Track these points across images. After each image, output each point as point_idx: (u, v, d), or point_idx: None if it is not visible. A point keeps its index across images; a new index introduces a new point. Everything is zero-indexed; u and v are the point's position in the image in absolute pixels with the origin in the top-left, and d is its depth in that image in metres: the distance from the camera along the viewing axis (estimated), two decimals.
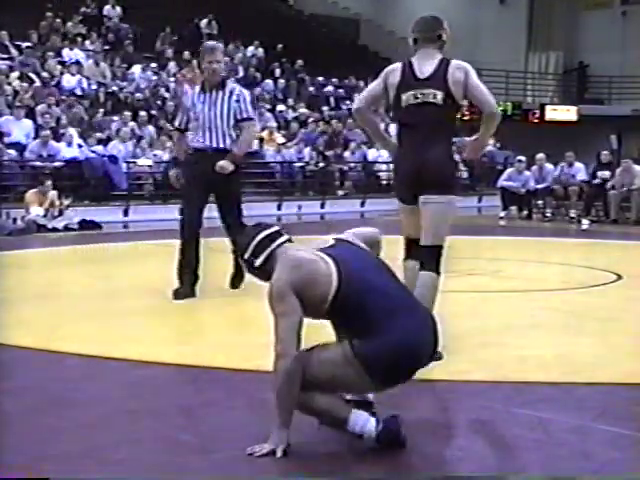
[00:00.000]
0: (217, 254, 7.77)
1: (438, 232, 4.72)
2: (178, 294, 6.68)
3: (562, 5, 28.65)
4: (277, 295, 3.39)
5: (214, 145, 6.74)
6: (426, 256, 4.75)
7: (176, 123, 7.15)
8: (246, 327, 5.73)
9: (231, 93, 6.78)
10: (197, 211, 6.80)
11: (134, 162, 16.15)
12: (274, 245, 3.48)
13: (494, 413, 3.83)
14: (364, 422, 3.28)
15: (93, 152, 15.67)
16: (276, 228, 3.56)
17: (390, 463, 3.20)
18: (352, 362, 3.26)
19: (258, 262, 3.50)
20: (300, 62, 22.81)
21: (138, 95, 18.74)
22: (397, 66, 5.05)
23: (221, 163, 6.62)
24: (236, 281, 7.10)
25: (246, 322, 5.91)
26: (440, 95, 4.83)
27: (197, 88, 6.92)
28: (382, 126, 8.88)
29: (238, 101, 6.77)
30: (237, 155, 6.77)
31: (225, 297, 7.03)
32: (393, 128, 14.66)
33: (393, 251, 8.88)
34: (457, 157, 5.24)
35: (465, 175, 20.60)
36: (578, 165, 16.07)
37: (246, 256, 3.53)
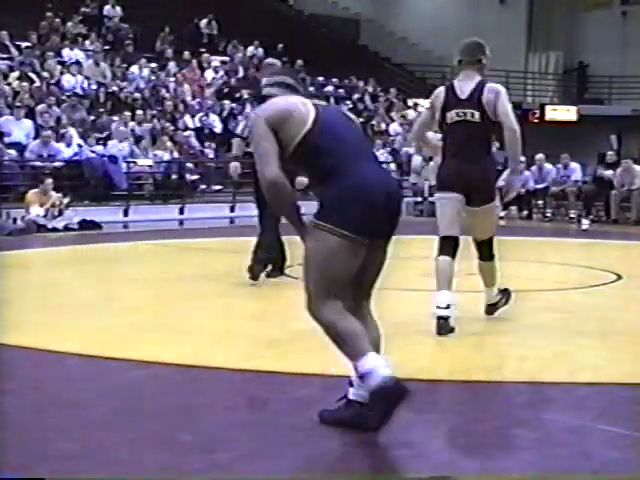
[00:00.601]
0: (216, 253, 7.78)
1: (492, 228, 5.80)
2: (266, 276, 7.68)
3: (562, 5, 28.65)
4: (254, 126, 3.65)
5: None
6: (483, 248, 5.78)
7: (242, 132, 8.14)
8: (246, 327, 5.73)
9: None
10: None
11: (134, 162, 16.15)
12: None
13: (495, 413, 3.83)
14: (380, 363, 3.35)
15: (93, 152, 15.67)
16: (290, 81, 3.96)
17: (390, 463, 3.20)
18: (321, 229, 3.58)
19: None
20: (300, 62, 22.80)
21: (138, 95, 18.74)
22: (441, 89, 5.71)
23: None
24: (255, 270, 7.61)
25: (246, 322, 5.91)
26: (477, 114, 5.51)
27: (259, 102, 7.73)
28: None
29: None
30: None
31: (225, 297, 7.04)
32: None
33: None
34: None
35: None
36: (573, 165, 16.08)
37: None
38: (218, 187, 17.34)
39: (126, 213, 15.55)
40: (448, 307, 5.31)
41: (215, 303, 6.73)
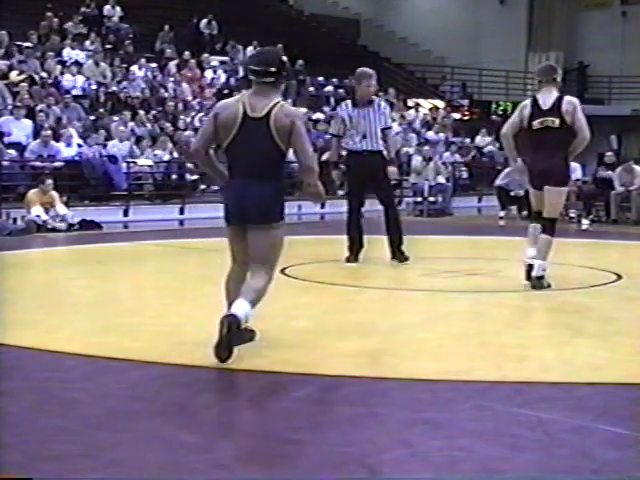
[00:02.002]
0: (216, 253, 7.77)
1: (555, 210, 7.24)
2: (349, 260, 8.69)
3: (562, 5, 28.65)
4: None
5: (369, 148, 8.58)
6: (546, 225, 7.20)
7: (334, 131, 8.87)
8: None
9: (379, 107, 8.70)
10: (358, 201, 8.82)
11: (134, 162, 16.15)
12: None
13: (494, 413, 3.83)
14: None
15: (93, 152, 15.67)
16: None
17: (390, 463, 3.20)
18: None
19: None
20: (300, 62, 22.80)
21: (138, 95, 18.74)
22: (527, 102, 7.28)
23: (391, 169, 8.66)
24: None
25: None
26: (557, 121, 7.07)
27: (350, 103, 8.71)
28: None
29: (384, 113, 8.68)
30: (394, 160, 8.97)
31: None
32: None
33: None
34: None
35: (465, 175, 20.63)
36: (573, 164, 16.06)
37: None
38: (218, 187, 17.33)
39: (126, 213, 15.55)
40: (533, 258, 7.18)
41: (215, 303, 6.72)
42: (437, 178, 17.88)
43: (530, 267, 7.20)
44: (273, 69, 4.88)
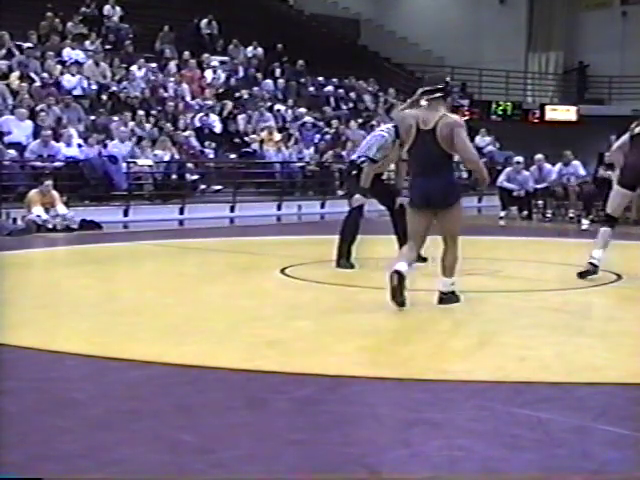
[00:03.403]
0: (216, 253, 7.78)
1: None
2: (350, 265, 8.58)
3: (562, 5, 28.66)
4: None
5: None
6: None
7: (374, 156, 8.43)
8: (247, 327, 5.73)
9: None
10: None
11: (134, 162, 16.15)
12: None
13: (494, 413, 3.83)
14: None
15: (93, 152, 15.67)
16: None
17: (390, 463, 3.20)
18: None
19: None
20: (300, 62, 22.80)
21: (138, 95, 18.74)
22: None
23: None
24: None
25: (247, 322, 5.91)
26: None
27: (393, 134, 8.38)
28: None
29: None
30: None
31: (225, 297, 7.04)
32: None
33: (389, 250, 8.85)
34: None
35: (465, 175, 20.62)
36: (575, 162, 16.06)
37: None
38: (218, 187, 17.35)
39: (126, 213, 15.56)
40: (599, 260, 7.59)
41: (215, 303, 6.74)
42: None
43: (594, 268, 7.52)
44: (440, 86, 6.38)
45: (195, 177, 17.30)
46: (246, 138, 19.01)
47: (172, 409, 3.89)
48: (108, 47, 20.67)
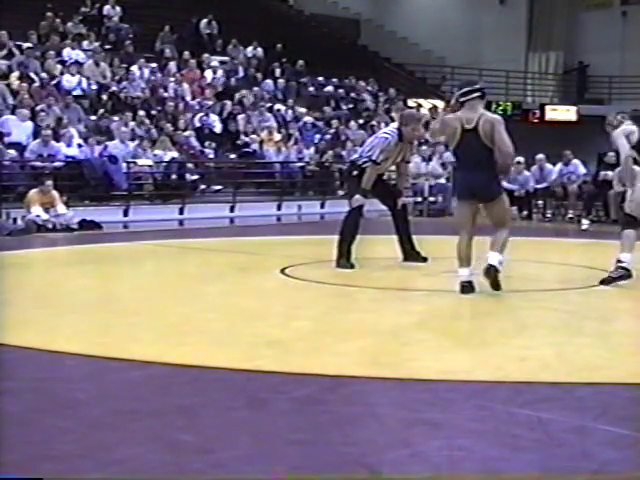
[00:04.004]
0: (216, 253, 7.78)
1: None
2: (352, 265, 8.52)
3: (562, 5, 28.65)
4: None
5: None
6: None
7: (377, 158, 8.48)
8: (246, 327, 5.73)
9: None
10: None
11: (134, 162, 16.15)
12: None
13: (494, 413, 3.83)
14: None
15: (93, 152, 15.67)
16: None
17: (390, 463, 3.20)
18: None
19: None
20: (300, 62, 22.79)
21: (138, 95, 18.74)
22: (634, 129, 7.59)
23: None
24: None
25: (246, 322, 5.91)
26: None
27: (396, 136, 8.54)
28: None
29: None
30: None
31: (225, 297, 7.04)
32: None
33: (389, 250, 8.85)
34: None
35: None
36: (575, 161, 16.05)
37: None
38: (218, 187, 17.35)
39: (126, 213, 15.56)
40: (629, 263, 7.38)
41: (215, 303, 6.73)
42: (437, 178, 17.91)
43: (628, 273, 7.30)
44: (477, 87, 7.04)
45: (195, 177, 17.30)
46: (246, 138, 19.01)
47: (172, 409, 3.89)
48: (108, 47, 20.66)
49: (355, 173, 8.59)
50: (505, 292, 7.20)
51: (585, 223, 14.39)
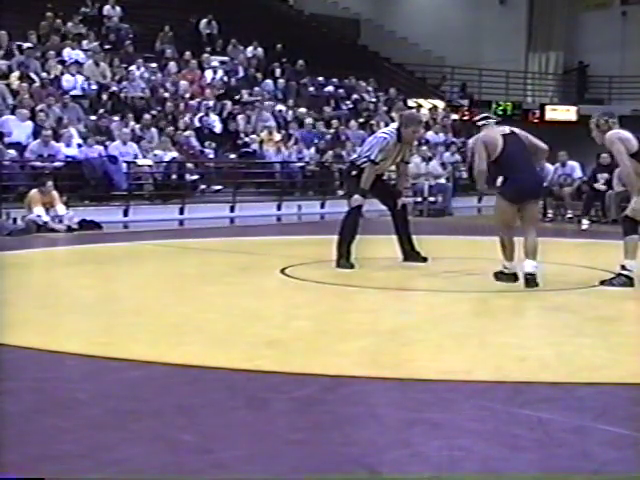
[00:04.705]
0: (216, 253, 7.78)
1: None
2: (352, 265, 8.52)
3: (562, 5, 28.65)
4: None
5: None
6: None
7: (376, 158, 8.46)
8: (246, 327, 5.73)
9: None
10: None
11: (134, 162, 16.15)
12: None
13: (494, 413, 3.83)
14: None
15: (93, 152, 15.66)
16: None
17: (390, 463, 3.20)
18: (500, 197, 7.29)
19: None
20: (300, 62, 22.79)
21: (138, 95, 18.74)
22: (630, 136, 7.87)
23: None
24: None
25: (246, 322, 5.91)
26: None
27: (395, 137, 8.54)
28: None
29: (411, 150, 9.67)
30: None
31: (225, 297, 7.04)
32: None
33: (390, 250, 8.86)
34: None
35: (465, 175, 20.61)
36: (571, 163, 16.05)
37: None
38: (218, 187, 17.35)
39: (126, 213, 15.55)
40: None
41: (215, 303, 6.73)
42: (437, 178, 17.91)
43: (630, 282, 7.33)
44: (486, 114, 7.95)
45: (195, 177, 17.30)
46: (246, 138, 19.01)
47: (172, 409, 3.89)
48: (108, 47, 20.65)
49: (354, 173, 8.60)
50: (505, 292, 7.20)
51: (585, 223, 14.38)
